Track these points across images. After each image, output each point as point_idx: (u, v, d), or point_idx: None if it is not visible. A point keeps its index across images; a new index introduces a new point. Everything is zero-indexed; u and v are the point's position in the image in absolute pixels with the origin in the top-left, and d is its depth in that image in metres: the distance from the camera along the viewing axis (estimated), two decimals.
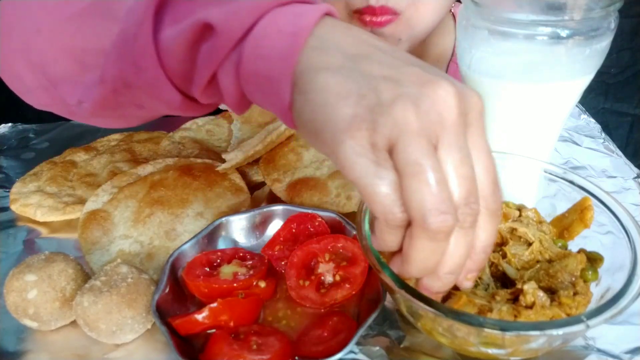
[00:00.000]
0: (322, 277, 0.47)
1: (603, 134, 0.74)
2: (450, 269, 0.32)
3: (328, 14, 0.36)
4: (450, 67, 0.89)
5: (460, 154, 0.30)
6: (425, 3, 0.66)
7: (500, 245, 0.44)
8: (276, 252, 0.50)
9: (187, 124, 0.73)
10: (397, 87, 0.30)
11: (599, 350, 0.43)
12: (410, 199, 0.29)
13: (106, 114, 0.47)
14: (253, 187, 0.63)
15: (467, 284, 0.35)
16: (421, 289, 0.34)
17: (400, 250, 0.33)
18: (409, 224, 0.31)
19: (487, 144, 0.32)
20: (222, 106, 0.60)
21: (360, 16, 0.65)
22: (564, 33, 0.42)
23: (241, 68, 0.35)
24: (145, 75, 0.39)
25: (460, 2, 0.50)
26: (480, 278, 0.41)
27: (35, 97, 0.48)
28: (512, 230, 0.44)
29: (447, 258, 0.31)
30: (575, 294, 0.38)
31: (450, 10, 0.87)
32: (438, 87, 0.30)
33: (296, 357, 0.41)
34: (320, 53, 0.32)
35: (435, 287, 0.34)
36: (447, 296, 0.39)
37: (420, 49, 0.85)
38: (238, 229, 0.52)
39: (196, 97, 0.40)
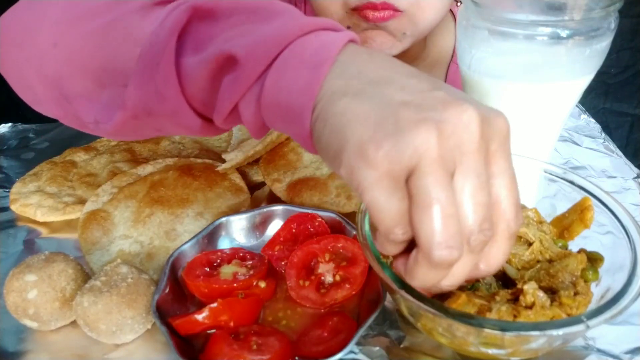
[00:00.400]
0: (322, 277, 0.47)
1: (603, 134, 0.74)
2: (451, 283, 0.32)
3: (351, 41, 0.35)
4: (451, 67, 0.89)
5: (478, 180, 0.29)
6: (427, 1, 0.66)
7: None
8: (276, 252, 0.50)
9: None
10: (419, 112, 0.29)
11: (599, 350, 0.43)
12: (419, 229, 0.29)
13: (124, 134, 0.47)
14: (253, 187, 0.63)
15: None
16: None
17: (404, 252, 0.33)
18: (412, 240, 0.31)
19: (511, 167, 0.31)
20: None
21: (360, 12, 0.65)
22: (564, 33, 0.42)
23: (262, 98, 0.35)
24: (168, 104, 0.39)
25: (460, 2, 0.50)
26: (482, 278, 0.41)
27: (47, 109, 0.47)
28: None
29: (450, 276, 0.31)
30: (575, 294, 0.38)
31: (451, 10, 0.87)
32: (462, 111, 0.29)
33: (296, 357, 0.41)
34: (341, 80, 0.32)
35: (432, 290, 0.34)
36: (447, 295, 0.39)
37: (421, 49, 0.85)
38: (238, 229, 0.52)
39: (217, 124, 0.40)
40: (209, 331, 0.42)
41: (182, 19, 0.38)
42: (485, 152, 0.30)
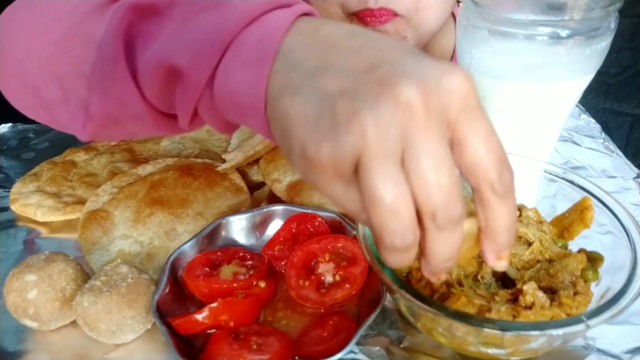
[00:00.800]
0: (322, 277, 0.47)
1: (603, 134, 0.74)
2: (442, 260, 0.30)
3: (303, 14, 0.34)
4: None
5: (432, 159, 0.27)
6: (427, 5, 0.66)
7: None
8: (276, 252, 0.50)
9: None
10: (353, 101, 0.27)
11: (599, 350, 0.43)
12: (370, 222, 0.28)
13: (104, 138, 0.46)
14: (253, 187, 0.63)
15: (500, 264, 0.33)
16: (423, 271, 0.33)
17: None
18: None
19: (484, 124, 0.29)
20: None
21: (358, 18, 0.65)
22: (564, 33, 0.42)
23: (217, 102, 0.34)
24: (132, 110, 0.39)
25: (460, 2, 0.50)
26: (482, 278, 0.41)
27: (36, 116, 0.48)
28: None
29: (431, 257, 0.30)
30: (575, 293, 0.38)
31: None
32: (398, 93, 0.26)
33: (296, 357, 0.41)
34: (282, 75, 0.31)
35: (433, 278, 0.33)
36: (447, 296, 0.39)
37: (423, 49, 0.85)
38: (238, 229, 0.52)
39: (185, 130, 0.40)
40: (209, 331, 0.42)
41: (123, 20, 0.37)
42: (439, 124, 0.27)
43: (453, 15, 0.88)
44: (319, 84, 0.29)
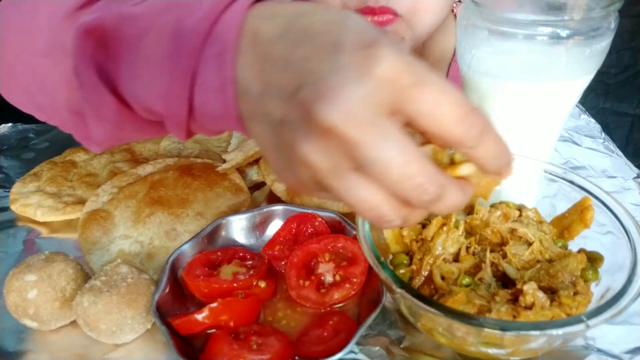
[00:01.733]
0: (322, 277, 0.47)
1: (603, 134, 0.74)
2: (449, 212, 0.30)
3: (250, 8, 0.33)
4: (452, 66, 0.89)
5: (381, 163, 0.26)
6: (425, 6, 0.66)
7: (500, 245, 0.44)
8: (276, 252, 0.50)
9: None
10: (290, 132, 0.28)
11: (599, 350, 0.43)
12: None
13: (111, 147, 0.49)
14: (253, 187, 0.63)
15: (507, 175, 0.32)
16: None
17: None
18: None
19: (429, 90, 0.27)
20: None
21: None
22: (564, 33, 0.42)
23: (203, 124, 0.36)
24: (130, 125, 0.40)
25: (460, 2, 0.50)
26: (481, 278, 0.41)
27: (36, 115, 0.48)
28: (512, 231, 0.44)
29: (437, 212, 0.30)
30: (575, 293, 0.38)
31: (452, 10, 0.87)
32: (321, 119, 0.26)
33: (296, 357, 0.41)
34: (243, 101, 0.31)
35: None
36: (447, 296, 0.39)
37: (421, 49, 0.85)
38: (238, 229, 0.52)
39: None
40: (209, 331, 0.42)
41: (85, 50, 0.37)
42: (374, 125, 0.26)
43: (454, 15, 0.88)
44: (266, 111, 0.29)
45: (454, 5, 0.86)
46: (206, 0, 0.34)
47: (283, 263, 0.49)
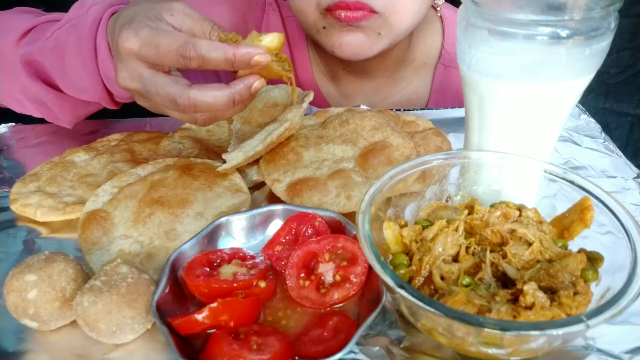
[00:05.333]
0: (322, 277, 0.47)
1: (603, 134, 0.74)
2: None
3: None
4: (438, 68, 0.90)
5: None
6: (403, 5, 0.67)
7: (500, 245, 0.44)
8: (276, 252, 0.50)
9: (187, 124, 0.72)
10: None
11: (599, 350, 0.43)
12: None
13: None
14: (253, 187, 0.63)
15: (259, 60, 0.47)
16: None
17: None
18: None
19: (152, 44, 0.47)
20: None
21: (333, 12, 0.65)
22: (564, 33, 0.42)
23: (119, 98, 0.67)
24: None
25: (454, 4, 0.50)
26: (481, 278, 0.41)
27: (14, 109, 0.73)
28: (512, 231, 0.44)
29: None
30: (575, 293, 0.38)
31: (438, 12, 0.88)
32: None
33: (296, 357, 0.41)
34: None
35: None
36: (447, 296, 0.39)
37: (404, 51, 0.85)
38: (238, 229, 0.52)
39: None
40: (209, 331, 0.42)
41: (31, 73, 0.64)
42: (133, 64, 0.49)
43: (441, 17, 0.89)
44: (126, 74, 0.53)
45: (439, 7, 0.86)
46: (87, 22, 0.58)
47: (283, 263, 0.49)
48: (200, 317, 0.41)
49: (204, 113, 0.49)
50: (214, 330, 0.42)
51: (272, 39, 0.49)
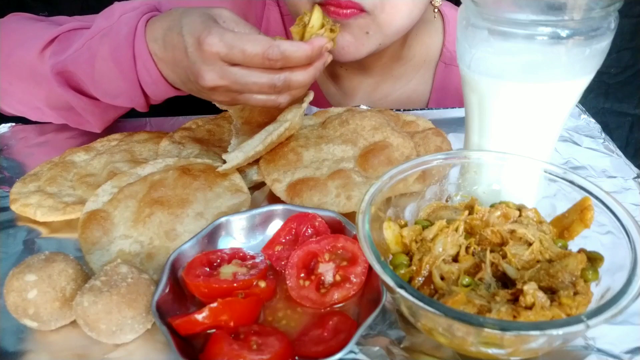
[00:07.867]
0: (322, 277, 0.47)
1: (603, 134, 0.74)
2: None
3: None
4: (439, 66, 0.89)
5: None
6: (393, 5, 0.66)
7: (500, 245, 0.44)
8: (276, 252, 0.50)
9: (187, 124, 0.73)
10: (193, 83, 0.57)
11: (599, 350, 0.43)
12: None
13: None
14: (253, 187, 0.63)
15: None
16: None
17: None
18: None
19: (241, 49, 0.51)
20: (222, 106, 0.61)
21: (323, 7, 0.65)
22: (564, 33, 0.42)
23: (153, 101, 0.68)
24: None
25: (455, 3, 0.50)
26: (481, 278, 0.41)
27: (30, 117, 0.74)
28: (512, 231, 0.44)
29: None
30: (575, 293, 0.38)
31: (438, 9, 0.87)
32: (203, 82, 0.55)
33: (296, 357, 0.41)
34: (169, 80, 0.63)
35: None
36: (447, 296, 0.39)
37: (399, 49, 0.85)
38: (238, 229, 0.52)
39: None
40: (209, 331, 0.42)
41: (62, 83, 0.64)
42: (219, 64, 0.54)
43: (442, 15, 0.89)
44: (181, 79, 0.60)
45: (439, 4, 0.86)
46: (121, 31, 0.59)
47: (283, 263, 0.49)
48: (200, 317, 0.41)
49: (290, 92, 0.55)
50: (214, 330, 0.42)
51: (316, 18, 0.55)
